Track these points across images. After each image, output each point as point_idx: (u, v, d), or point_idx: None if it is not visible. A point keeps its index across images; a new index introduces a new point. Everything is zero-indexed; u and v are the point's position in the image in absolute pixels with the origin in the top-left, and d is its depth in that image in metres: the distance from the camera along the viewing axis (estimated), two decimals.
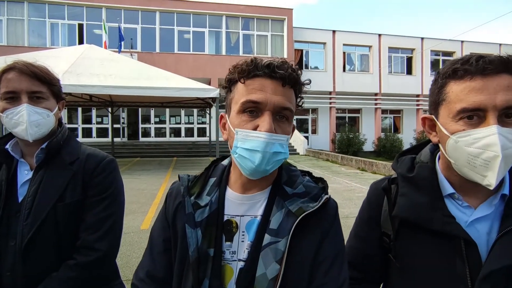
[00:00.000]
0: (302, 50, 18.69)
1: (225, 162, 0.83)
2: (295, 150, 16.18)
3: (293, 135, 0.74)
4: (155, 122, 17.40)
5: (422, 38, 19.92)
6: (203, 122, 17.62)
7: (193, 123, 17.79)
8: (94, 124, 16.62)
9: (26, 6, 15.20)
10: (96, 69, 9.24)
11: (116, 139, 14.85)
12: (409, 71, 20.24)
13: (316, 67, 19.02)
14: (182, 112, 17.41)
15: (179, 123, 17.66)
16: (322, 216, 0.72)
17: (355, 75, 19.28)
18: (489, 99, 0.62)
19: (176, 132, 17.69)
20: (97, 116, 16.57)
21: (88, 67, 9.16)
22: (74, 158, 1.04)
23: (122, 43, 14.74)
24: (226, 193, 0.76)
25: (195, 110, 17.17)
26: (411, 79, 19.86)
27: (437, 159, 0.79)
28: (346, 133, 18.02)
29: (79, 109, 16.01)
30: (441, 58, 20.44)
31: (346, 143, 17.59)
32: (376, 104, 19.68)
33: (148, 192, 6.59)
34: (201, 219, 0.72)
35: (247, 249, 0.70)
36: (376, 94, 19.56)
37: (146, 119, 17.35)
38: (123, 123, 17.01)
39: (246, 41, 17.52)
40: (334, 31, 18.72)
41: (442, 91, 0.69)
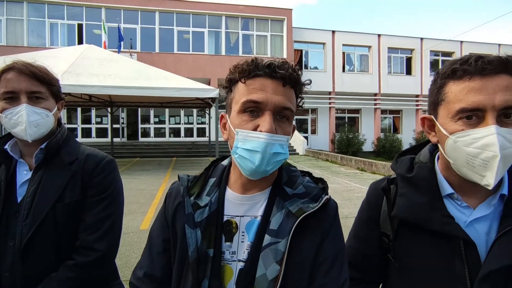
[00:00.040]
0: (301, 50, 18.70)
1: (225, 163, 0.83)
2: (295, 150, 16.19)
3: (292, 136, 0.74)
4: (155, 122, 17.39)
5: (422, 39, 19.95)
6: (203, 122, 17.62)
7: (192, 123, 17.78)
8: (93, 124, 16.60)
9: (25, 6, 15.18)
10: (95, 69, 9.24)
11: (115, 139, 14.83)
12: (408, 72, 20.26)
13: (315, 67, 19.03)
14: (182, 112, 17.41)
15: (179, 123, 17.66)
16: (322, 216, 0.72)
17: (355, 75, 19.30)
18: (488, 99, 0.62)
19: (175, 132, 17.68)
20: (96, 116, 16.56)
21: (87, 67, 9.15)
22: (73, 158, 1.04)
23: (122, 43, 14.74)
24: (226, 193, 0.76)
25: (195, 110, 17.17)
26: (411, 80, 19.88)
27: (436, 159, 0.79)
28: (345, 133, 18.04)
29: (79, 109, 15.99)
30: (440, 58, 20.47)
31: (346, 143, 17.60)
32: (375, 104, 19.70)
33: (147, 192, 6.58)
34: (200, 220, 0.72)
35: (247, 249, 0.70)
36: (375, 94, 19.58)
37: (146, 119, 17.34)
38: (123, 123, 17.00)
39: (246, 41, 17.52)
40: (333, 31, 18.74)
41: (441, 91, 0.69)
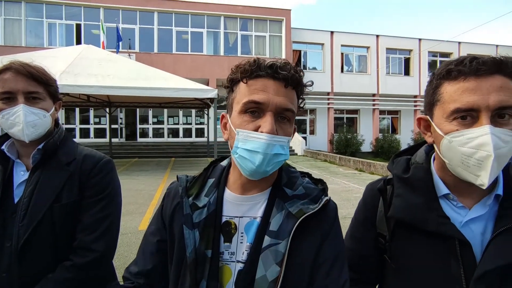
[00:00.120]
0: (300, 51, 18.72)
1: (224, 163, 0.83)
2: (293, 150, 16.19)
3: (293, 136, 0.74)
4: (153, 123, 17.36)
5: (420, 39, 20.02)
6: (201, 123, 17.60)
7: (191, 124, 17.76)
8: (91, 124, 16.56)
9: (23, 6, 15.13)
10: (94, 69, 9.21)
11: (114, 140, 14.80)
12: (406, 72, 20.32)
13: (314, 68, 19.06)
14: (180, 112, 17.38)
15: (177, 124, 17.63)
16: (322, 218, 0.72)
17: (353, 76, 19.34)
18: (482, 100, 0.63)
19: (174, 132, 17.66)
20: (94, 116, 16.51)
21: (86, 67, 9.13)
22: (70, 159, 1.04)
23: (120, 43, 14.71)
24: (225, 194, 0.76)
25: (193, 111, 17.15)
26: (409, 80, 19.94)
27: (432, 160, 0.80)
28: (344, 133, 18.07)
29: (77, 109, 15.95)
30: (438, 59, 20.54)
31: (344, 144, 17.63)
32: (374, 105, 19.74)
33: (146, 192, 6.56)
34: (199, 220, 0.72)
35: (246, 250, 0.70)
36: (374, 95, 19.62)
37: (144, 120, 17.31)
38: (121, 124, 16.96)
39: (244, 41, 17.53)
40: (332, 32, 18.78)
41: (437, 92, 0.70)
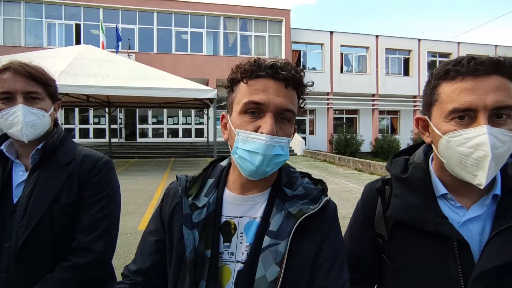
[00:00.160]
0: (299, 51, 18.73)
1: (223, 163, 0.83)
2: (293, 150, 16.19)
3: (293, 137, 0.74)
4: (153, 123, 17.35)
5: (419, 40, 20.04)
6: (201, 123, 17.59)
7: (190, 124, 17.76)
8: (91, 124, 16.55)
9: (22, 6, 15.12)
10: (93, 69, 9.21)
11: (113, 140, 14.79)
12: (406, 72, 20.34)
13: (313, 68, 19.07)
14: (180, 112, 17.38)
15: (177, 124, 17.62)
16: (322, 218, 0.72)
17: (353, 76, 19.35)
18: (479, 100, 0.63)
19: (173, 132, 17.65)
20: (94, 116, 16.50)
21: (85, 68, 9.12)
22: (70, 159, 1.04)
23: (120, 44, 14.71)
24: (224, 194, 0.76)
25: (193, 111, 17.15)
26: (408, 80, 19.96)
27: (430, 160, 0.80)
28: (343, 134, 18.09)
29: (76, 109, 15.94)
30: (438, 59, 20.57)
31: (344, 144, 17.65)
32: (373, 105, 19.76)
33: (145, 193, 6.56)
34: (198, 220, 0.72)
35: (246, 251, 0.70)
36: (373, 95, 19.64)
37: (144, 120, 17.30)
38: (121, 124, 16.94)
39: (244, 42, 17.53)
40: (331, 32, 18.79)
41: (435, 92, 0.70)
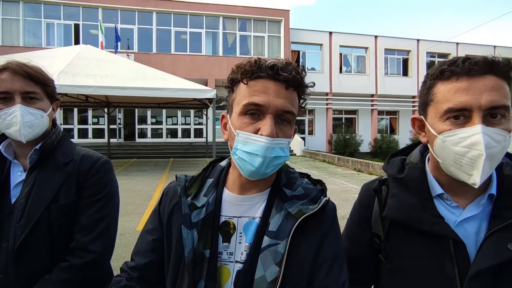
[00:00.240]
0: (299, 51, 18.74)
1: (223, 163, 0.83)
2: (292, 151, 16.19)
3: (293, 137, 0.74)
4: (152, 123, 17.32)
5: (418, 40, 20.08)
6: (200, 123, 17.58)
7: (189, 124, 17.74)
8: (90, 124, 16.51)
9: (21, 5, 15.08)
10: (92, 69, 9.19)
11: (112, 140, 14.77)
12: (405, 73, 20.37)
13: (313, 68, 19.07)
14: (179, 113, 17.36)
15: (176, 124, 17.60)
16: (321, 218, 0.72)
17: (352, 77, 19.37)
18: (474, 100, 0.64)
19: (172, 133, 17.63)
20: (93, 116, 16.46)
21: (84, 68, 9.10)
22: (68, 159, 1.04)
23: (119, 44, 14.68)
24: (224, 194, 0.76)
25: (192, 111, 17.13)
26: (407, 81, 19.99)
27: (426, 160, 0.80)
28: (342, 134, 18.10)
29: (75, 109, 15.90)
30: (436, 59, 20.60)
31: (343, 144, 17.66)
32: (372, 105, 19.78)
33: (144, 193, 6.55)
34: (197, 220, 0.72)
35: (246, 251, 0.70)
36: (372, 95, 19.66)
37: (143, 120, 17.27)
38: (120, 124, 16.91)
39: (243, 42, 17.53)
40: (330, 33, 18.81)
41: (430, 92, 0.71)
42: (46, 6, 15.41)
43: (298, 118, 0.72)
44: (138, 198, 6.05)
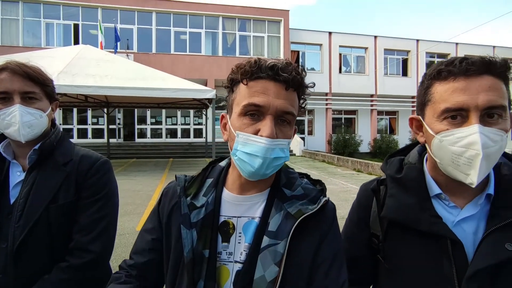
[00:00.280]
0: (298, 52, 18.75)
1: (222, 163, 0.83)
2: (292, 151, 16.18)
3: (293, 137, 0.74)
4: (151, 123, 17.31)
5: (418, 40, 20.10)
6: (200, 123, 17.58)
7: (189, 124, 17.74)
8: (89, 125, 16.50)
9: (20, 5, 15.07)
10: (91, 69, 9.19)
11: (111, 140, 14.76)
12: (404, 73, 20.40)
13: (312, 69, 19.08)
14: (179, 113, 17.36)
15: (175, 124, 17.60)
16: (321, 218, 0.72)
17: (351, 77, 19.39)
18: (471, 99, 0.64)
19: (172, 133, 17.62)
20: (92, 116, 16.45)
21: (83, 68, 9.10)
22: (67, 159, 1.04)
23: (118, 44, 14.67)
24: (223, 194, 0.76)
25: (192, 111, 17.13)
26: (407, 81, 20.01)
27: (424, 160, 0.81)
28: (342, 134, 18.11)
29: (75, 109, 15.89)
30: (436, 60, 20.61)
31: (342, 144, 17.67)
32: (372, 105, 19.79)
33: (143, 193, 6.55)
34: (196, 220, 0.72)
35: (245, 251, 0.70)
36: (372, 96, 19.68)
37: (142, 120, 17.26)
38: (119, 124, 16.91)
39: (243, 42, 17.54)
40: (330, 33, 18.82)
41: (428, 92, 0.71)
42: (46, 6, 15.39)
43: (297, 118, 0.72)
44: (138, 198, 6.05)
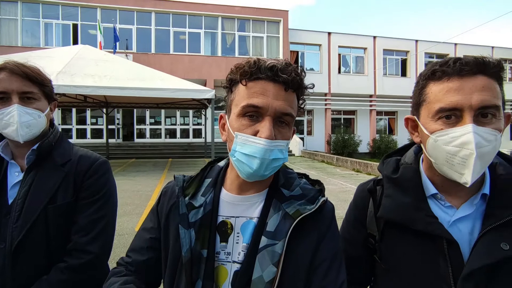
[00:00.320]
0: (297, 52, 18.75)
1: (221, 164, 0.83)
2: (291, 151, 16.19)
3: (292, 138, 0.74)
4: (150, 123, 17.29)
5: (417, 41, 20.12)
6: (199, 123, 17.57)
7: (188, 124, 17.71)
8: (88, 125, 16.47)
9: (19, 5, 15.03)
10: (91, 69, 9.17)
11: (111, 140, 14.74)
12: (403, 73, 20.41)
13: (311, 69, 19.08)
14: (178, 113, 17.34)
15: (175, 124, 17.58)
16: (319, 218, 0.72)
17: (350, 77, 19.40)
18: (465, 99, 0.64)
19: (171, 133, 17.60)
20: (91, 117, 16.42)
21: (82, 68, 9.08)
22: (66, 160, 1.04)
23: (117, 44, 14.65)
24: (221, 194, 0.76)
25: (191, 111, 17.11)
26: (406, 81, 20.02)
27: (420, 161, 0.81)
28: (341, 134, 18.11)
29: (73, 110, 15.85)
30: (435, 60, 20.57)
31: (341, 145, 17.67)
32: (371, 105, 19.81)
33: (143, 193, 6.54)
34: (195, 220, 0.72)
35: (243, 251, 0.70)
36: (371, 96, 19.69)
37: (141, 120, 17.24)
38: (118, 124, 16.88)
39: (242, 42, 17.54)
40: (329, 33, 18.83)
41: (423, 92, 0.72)
42: (45, 6, 15.36)
43: (297, 118, 0.72)
44: (137, 199, 6.04)
